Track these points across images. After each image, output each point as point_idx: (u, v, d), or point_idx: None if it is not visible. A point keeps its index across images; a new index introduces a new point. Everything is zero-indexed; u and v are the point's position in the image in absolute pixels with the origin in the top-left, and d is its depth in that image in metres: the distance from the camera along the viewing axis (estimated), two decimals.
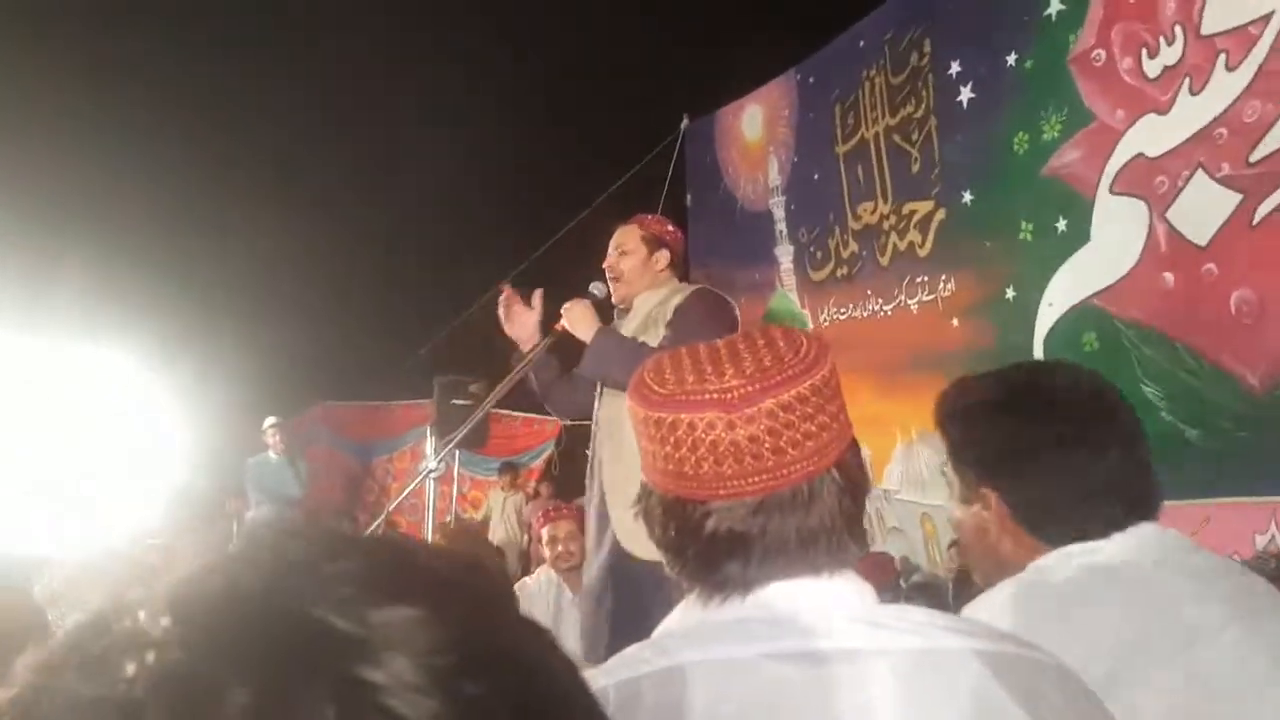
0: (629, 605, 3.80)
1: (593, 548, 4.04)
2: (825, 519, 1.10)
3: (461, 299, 9.24)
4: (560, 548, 5.50)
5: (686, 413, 1.09)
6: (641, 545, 3.73)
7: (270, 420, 9.24)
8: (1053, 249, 5.32)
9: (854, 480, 1.14)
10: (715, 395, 1.08)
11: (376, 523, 4.06)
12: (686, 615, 1.16)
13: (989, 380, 1.59)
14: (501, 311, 4.00)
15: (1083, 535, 1.46)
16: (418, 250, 11.12)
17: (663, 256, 3.95)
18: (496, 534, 10.28)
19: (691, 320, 3.71)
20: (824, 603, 1.09)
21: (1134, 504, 1.48)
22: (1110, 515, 1.46)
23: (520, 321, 4.03)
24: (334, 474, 12.14)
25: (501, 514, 10.36)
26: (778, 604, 1.09)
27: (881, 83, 6.64)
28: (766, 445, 1.07)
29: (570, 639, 3.92)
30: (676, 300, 3.81)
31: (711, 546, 1.11)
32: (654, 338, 3.78)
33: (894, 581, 5.74)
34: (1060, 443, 1.48)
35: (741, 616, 1.09)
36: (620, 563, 3.83)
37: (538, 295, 4.03)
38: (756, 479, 1.07)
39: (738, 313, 4.04)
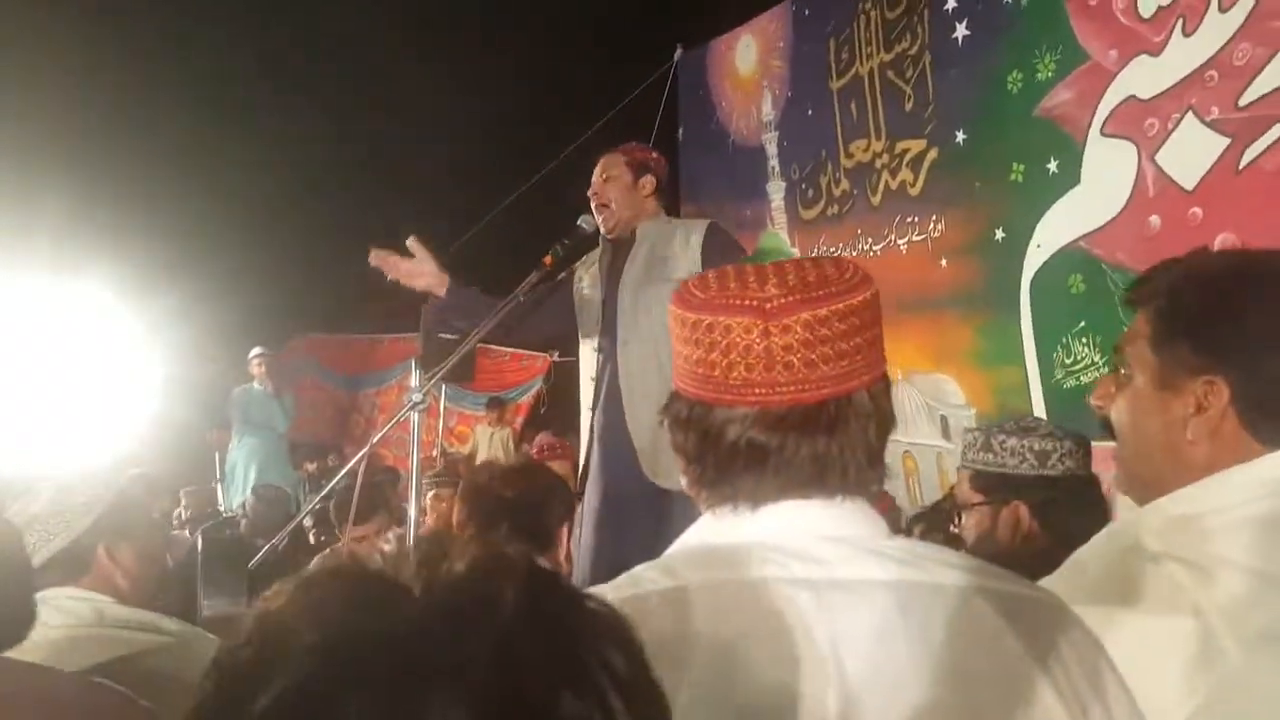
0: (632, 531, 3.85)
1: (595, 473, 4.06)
2: (847, 443, 1.12)
3: (452, 231, 9.24)
4: None
5: (724, 316, 1.11)
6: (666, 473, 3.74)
7: (256, 351, 9.24)
8: (1043, 191, 5.33)
9: (882, 409, 1.16)
10: (754, 302, 1.10)
11: (360, 455, 4.08)
12: (696, 533, 1.18)
13: (1231, 258, 1.44)
14: (386, 271, 3.99)
15: None
16: (407, 182, 11.09)
17: (648, 182, 3.97)
18: None
19: (726, 251, 3.75)
20: (833, 529, 1.11)
21: None
22: None
23: (412, 270, 4.03)
24: (320, 406, 12.20)
25: (488, 449, 10.46)
26: (786, 523, 1.12)
27: (877, 17, 6.60)
28: (798, 356, 1.09)
29: None
30: (695, 236, 3.82)
31: (731, 456, 1.13)
32: (679, 267, 3.79)
33: (891, 513, 5.83)
34: None
35: (747, 540, 1.11)
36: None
37: (411, 241, 4.03)
38: (786, 389, 1.09)
39: (746, 252, 4.10)
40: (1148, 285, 1.48)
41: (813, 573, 1.07)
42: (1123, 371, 1.48)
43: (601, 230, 3.95)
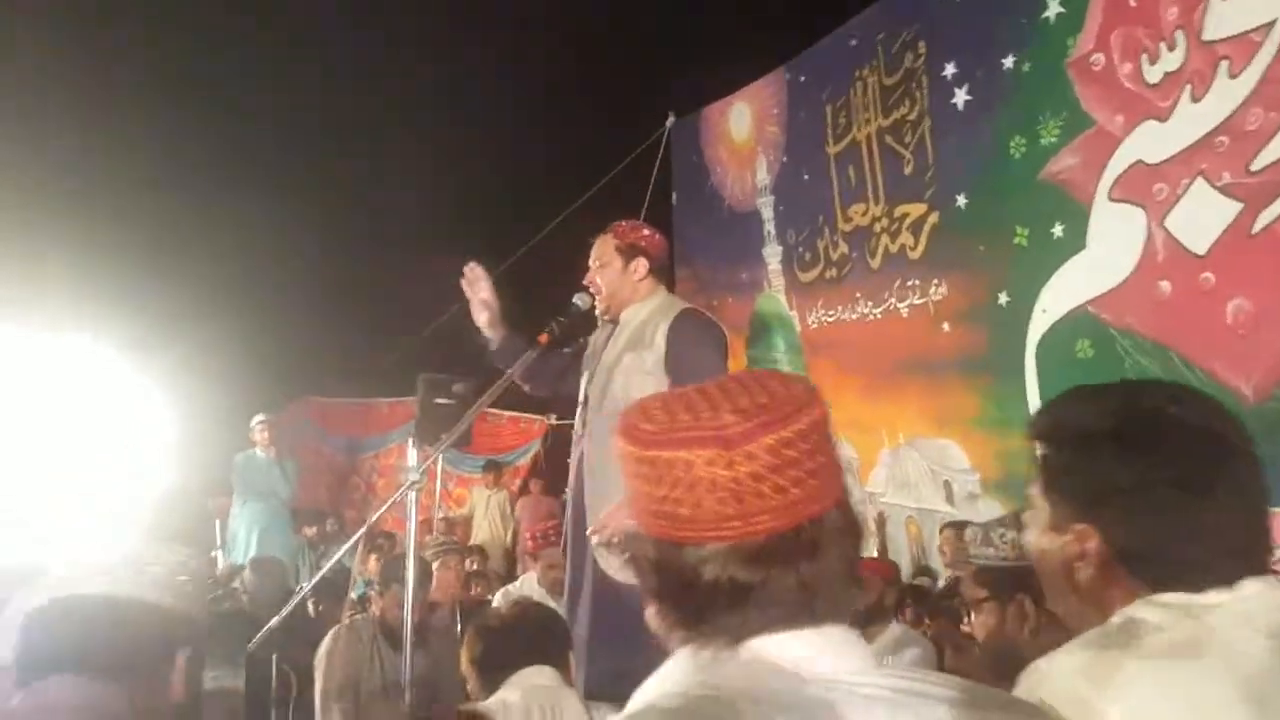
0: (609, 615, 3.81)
1: (574, 558, 4.04)
2: (829, 565, 1.07)
3: (447, 297, 9.16)
4: (555, 574, 5.48)
5: (683, 450, 1.05)
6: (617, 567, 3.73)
7: (259, 417, 9.19)
8: (1048, 255, 5.31)
9: (852, 522, 1.11)
10: (712, 432, 1.04)
11: (359, 533, 4.06)
12: (678, 678, 1.10)
13: (1098, 403, 1.45)
14: (471, 290, 4.01)
15: (1189, 584, 1.34)
16: (402, 248, 11.05)
17: (640, 265, 3.94)
18: (481, 532, 10.29)
19: (686, 344, 3.73)
20: (820, 666, 1.06)
21: (1246, 555, 1.36)
22: (1220, 567, 1.34)
23: (488, 301, 4.06)
24: (319, 470, 12.11)
25: (485, 512, 10.39)
26: (771, 663, 1.05)
27: (874, 83, 6.62)
28: (767, 483, 1.03)
29: None
30: (664, 326, 3.82)
31: (710, 596, 1.06)
32: (646, 359, 3.80)
33: (895, 583, 5.74)
34: (1179, 483, 1.34)
35: (733, 688, 1.04)
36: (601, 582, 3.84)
37: (475, 268, 4.08)
38: (760, 519, 1.04)
39: (724, 330, 4.04)
40: (1035, 424, 1.50)
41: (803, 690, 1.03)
42: (1031, 506, 1.51)
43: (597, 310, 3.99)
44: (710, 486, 1.04)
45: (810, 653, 1.06)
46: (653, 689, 1.11)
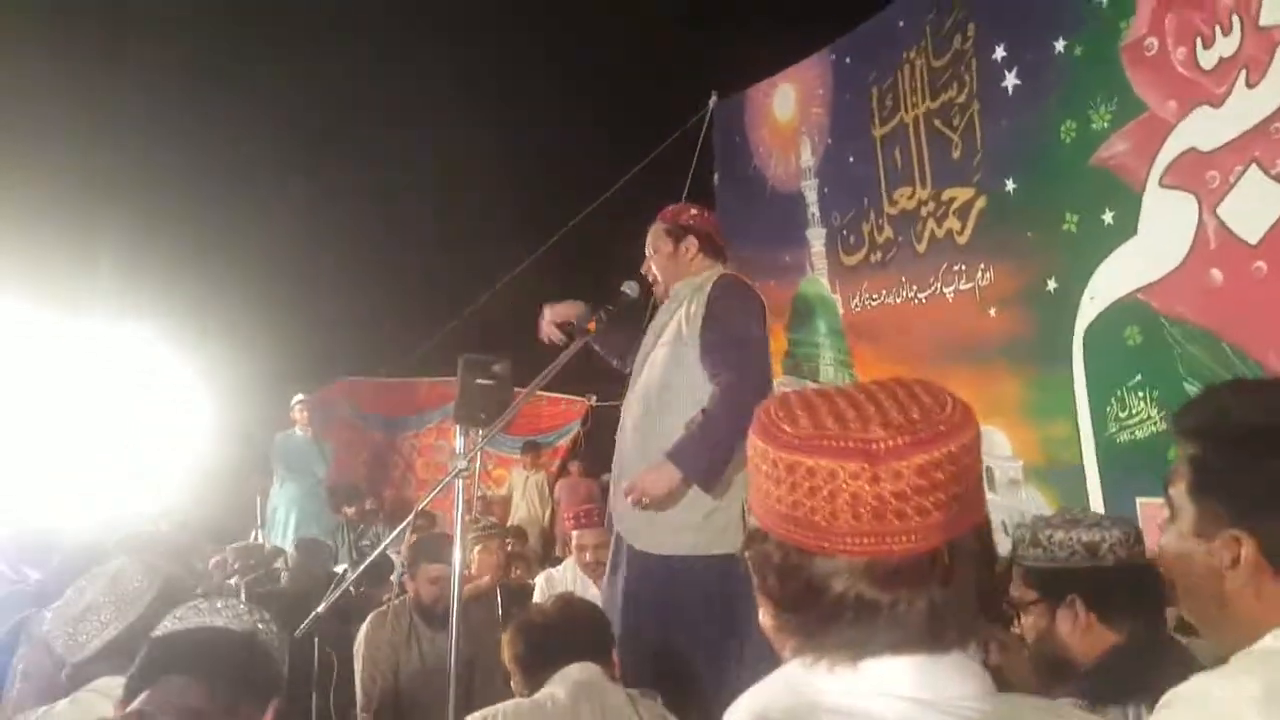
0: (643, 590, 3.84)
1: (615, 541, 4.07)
2: (960, 592, 1.05)
3: (487, 277, 9.22)
4: (589, 556, 5.48)
5: (826, 459, 1.02)
6: (645, 538, 3.76)
7: (299, 397, 9.35)
8: (1098, 241, 5.23)
9: (988, 549, 1.09)
10: (860, 445, 1.02)
11: (406, 522, 4.10)
12: (789, 686, 1.08)
13: (1259, 398, 1.36)
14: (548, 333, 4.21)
15: None
16: (443, 228, 11.12)
17: (691, 244, 4.01)
18: (519, 512, 10.37)
19: (726, 311, 3.80)
20: (939, 689, 1.03)
21: None
22: None
23: (561, 312, 4.15)
24: (357, 449, 12.22)
25: (523, 492, 10.47)
26: (890, 685, 1.03)
27: (922, 65, 6.54)
28: (911, 504, 1.01)
29: None
30: (703, 293, 3.86)
31: (836, 610, 1.04)
32: (684, 329, 3.86)
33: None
34: None
35: (850, 707, 1.02)
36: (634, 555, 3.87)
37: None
38: (898, 539, 1.02)
39: (763, 300, 4.08)
40: (1188, 419, 1.42)
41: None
42: (1171, 507, 1.43)
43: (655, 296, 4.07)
44: (851, 500, 1.02)
45: (932, 680, 1.04)
46: (762, 697, 1.10)
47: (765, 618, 1.13)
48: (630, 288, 4.11)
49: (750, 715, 1.07)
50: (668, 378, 3.85)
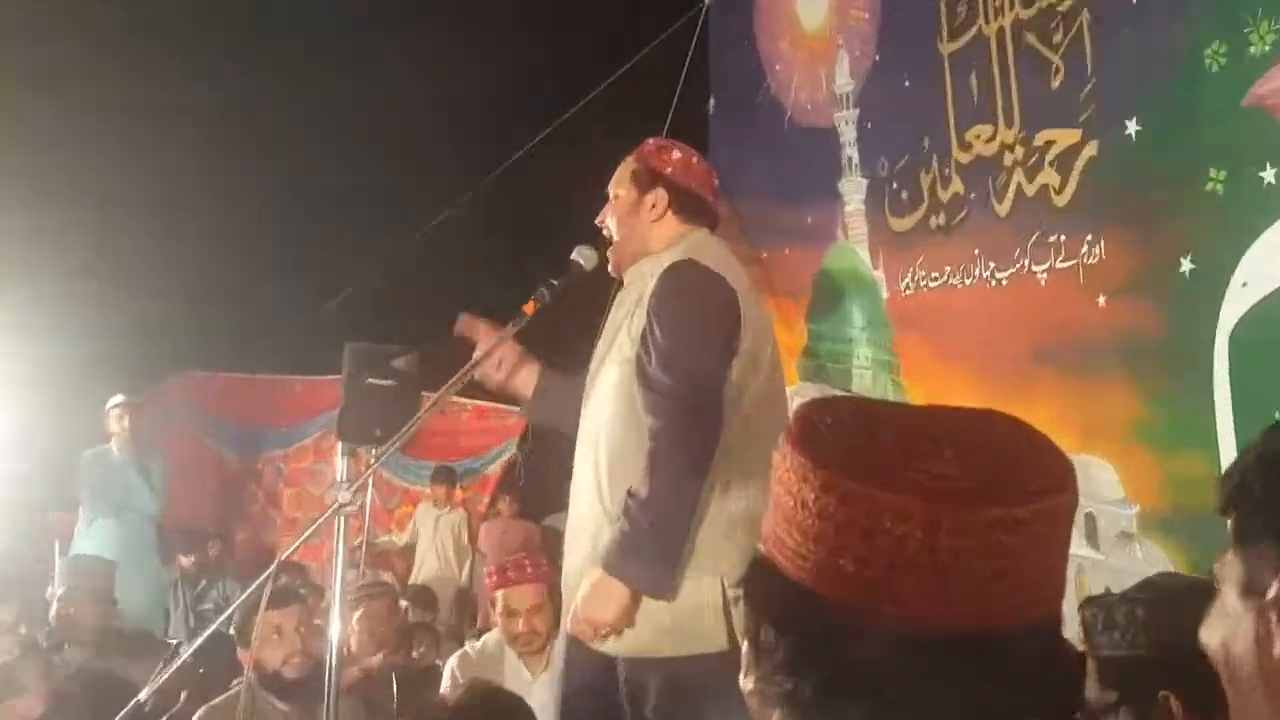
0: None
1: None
2: (1023, 683, 1.09)
3: (396, 231, 9.16)
4: (521, 625, 5.33)
5: (878, 490, 1.07)
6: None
7: (116, 399, 9.10)
8: (1253, 208, 5.25)
9: (1059, 637, 1.15)
10: (924, 481, 1.07)
11: (264, 577, 4.04)
12: None
13: None
14: (472, 338, 4.09)
15: None
16: (341, 155, 10.99)
17: (659, 197, 3.87)
18: (425, 567, 10.29)
19: (668, 323, 3.61)
20: None
21: None
22: None
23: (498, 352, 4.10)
24: (203, 473, 12.08)
25: (433, 539, 10.35)
26: None
27: None
28: (979, 567, 1.05)
29: None
30: (653, 281, 3.75)
31: (846, 680, 1.09)
32: (625, 346, 3.75)
33: None
34: None
35: None
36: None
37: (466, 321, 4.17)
38: (958, 607, 1.06)
39: (730, 293, 3.78)
40: (1225, 489, 1.45)
41: None
42: (1217, 587, 1.46)
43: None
44: (898, 546, 1.06)
45: None
46: None
47: (748, 679, 1.17)
48: (583, 255, 4.02)
49: None
50: (617, 435, 3.67)
